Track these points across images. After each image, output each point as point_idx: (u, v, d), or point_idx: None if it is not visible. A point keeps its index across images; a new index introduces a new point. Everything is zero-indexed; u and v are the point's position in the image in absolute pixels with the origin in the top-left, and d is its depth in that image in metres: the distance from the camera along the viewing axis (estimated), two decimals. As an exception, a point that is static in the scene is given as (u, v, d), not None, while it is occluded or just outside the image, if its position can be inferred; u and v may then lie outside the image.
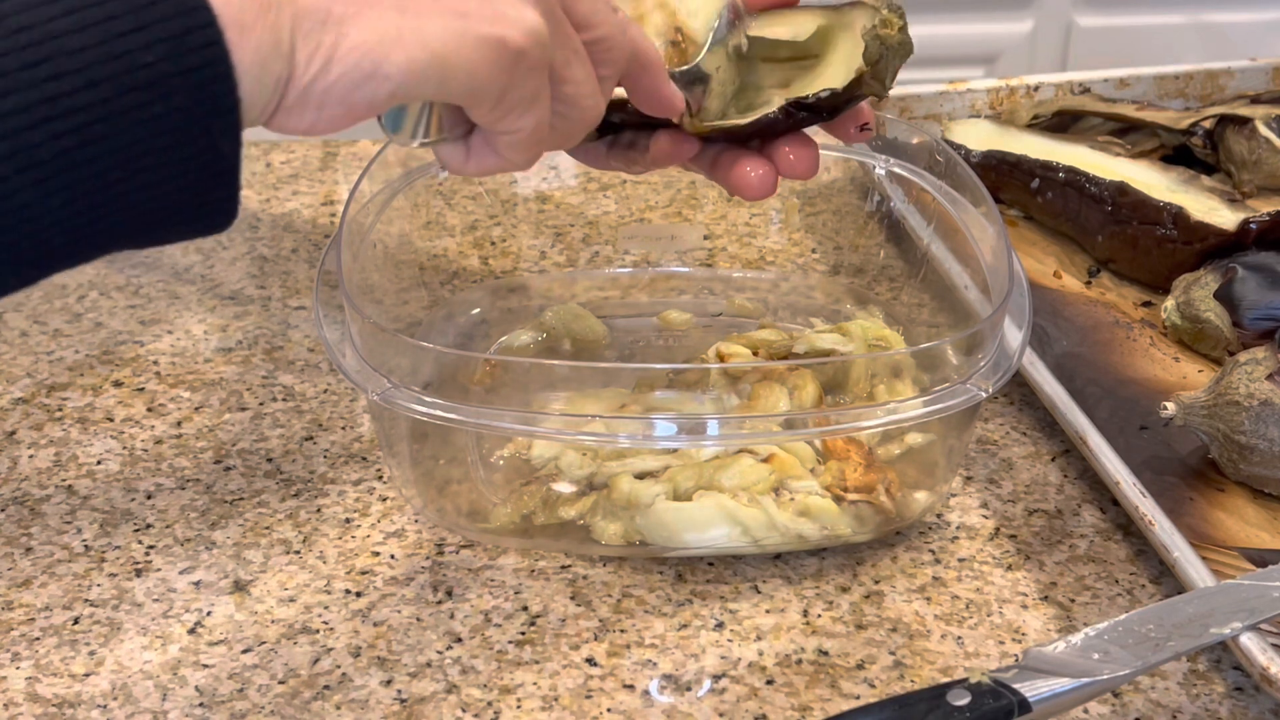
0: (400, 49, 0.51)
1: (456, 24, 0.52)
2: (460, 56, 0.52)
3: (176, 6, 0.47)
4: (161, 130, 0.47)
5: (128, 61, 0.46)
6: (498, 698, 0.66)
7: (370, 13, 0.51)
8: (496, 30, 0.53)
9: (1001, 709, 0.56)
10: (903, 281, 0.90)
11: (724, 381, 0.74)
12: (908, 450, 0.75)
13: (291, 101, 0.51)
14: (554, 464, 0.74)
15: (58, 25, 0.46)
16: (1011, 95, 1.11)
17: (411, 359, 0.73)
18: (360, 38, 0.51)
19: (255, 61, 0.49)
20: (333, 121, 0.52)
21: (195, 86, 0.47)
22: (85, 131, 0.46)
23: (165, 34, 0.47)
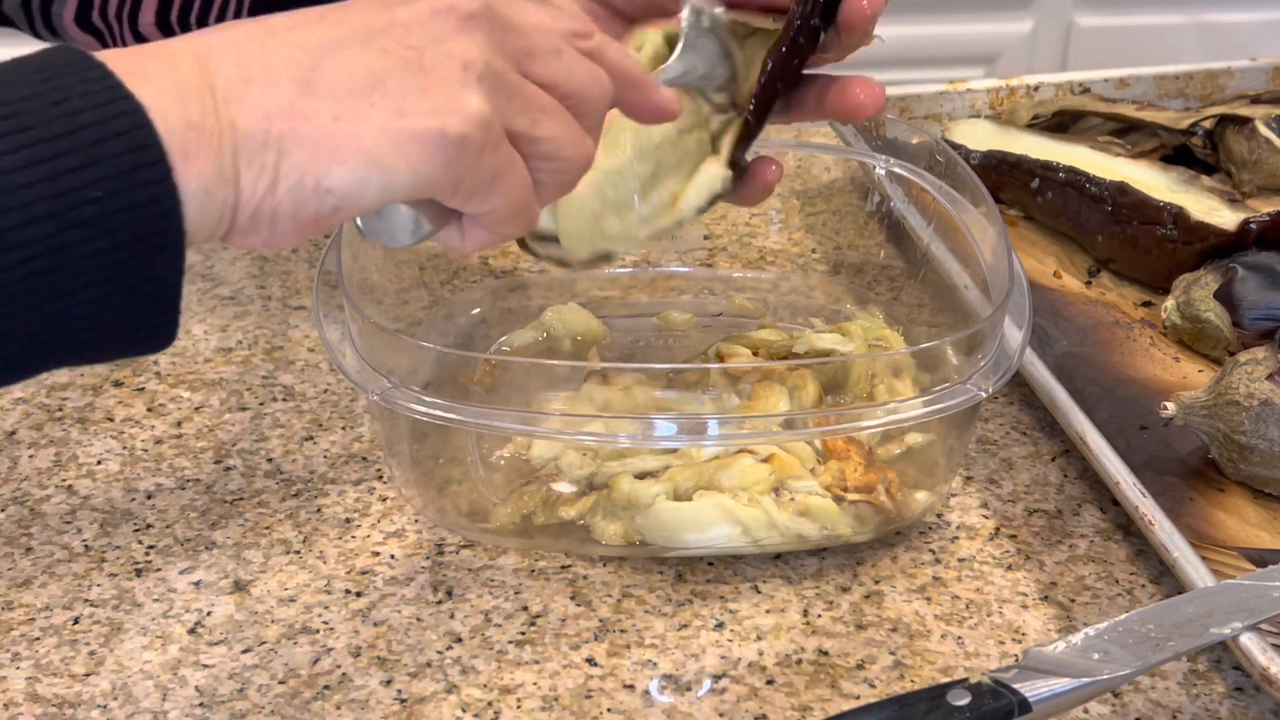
0: (338, 162, 0.51)
1: (393, 124, 0.52)
2: (400, 158, 0.52)
3: (125, 143, 0.48)
4: (104, 264, 0.48)
5: (74, 197, 0.47)
6: (498, 698, 0.66)
7: (307, 126, 0.51)
8: (434, 123, 0.52)
9: (1001, 709, 0.56)
10: (903, 281, 0.90)
11: (724, 381, 0.74)
12: (908, 450, 0.75)
13: (244, 223, 0.51)
14: (554, 464, 0.74)
15: (5, 162, 0.46)
16: (1011, 95, 1.11)
17: (411, 359, 0.73)
18: (298, 155, 0.51)
19: (200, 189, 0.49)
20: (287, 236, 0.53)
21: (141, 221, 0.48)
22: (27, 265, 0.47)
23: (112, 170, 0.47)
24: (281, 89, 0.51)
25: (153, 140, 0.48)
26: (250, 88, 0.51)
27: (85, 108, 0.48)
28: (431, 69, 0.53)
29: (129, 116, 0.48)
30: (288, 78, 0.51)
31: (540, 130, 0.56)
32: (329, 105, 0.51)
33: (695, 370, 0.75)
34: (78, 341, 0.50)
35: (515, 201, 0.56)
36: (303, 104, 0.51)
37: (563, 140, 0.57)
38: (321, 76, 0.52)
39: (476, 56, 0.53)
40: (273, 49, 0.52)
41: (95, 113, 0.48)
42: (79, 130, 0.47)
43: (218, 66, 0.51)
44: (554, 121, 0.56)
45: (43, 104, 0.47)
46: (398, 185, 0.52)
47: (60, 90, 0.48)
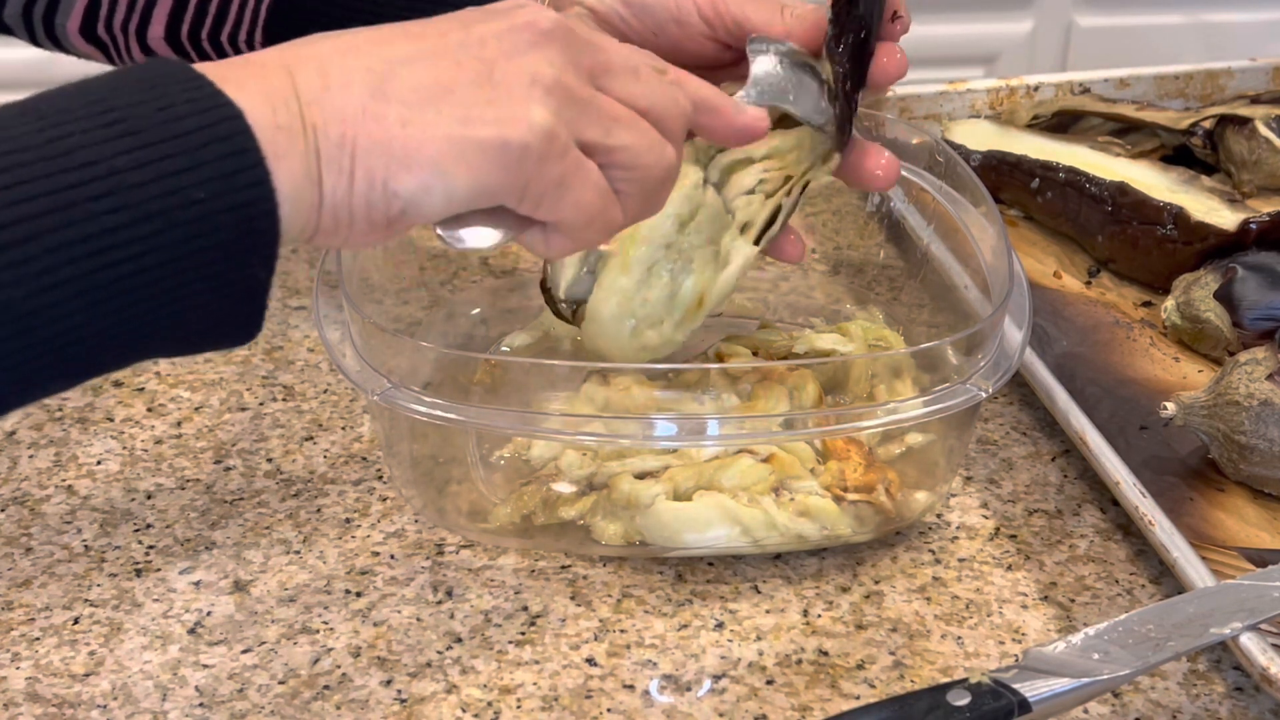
0: (404, 167, 0.53)
1: (457, 132, 0.53)
2: (463, 166, 0.53)
3: (227, 146, 0.50)
4: (206, 260, 0.50)
5: (182, 198, 0.49)
6: (498, 698, 0.66)
7: (377, 131, 0.53)
8: (497, 132, 0.53)
9: (1001, 709, 0.56)
10: (903, 281, 0.90)
11: (724, 381, 0.74)
12: (908, 450, 0.75)
13: (327, 224, 0.54)
14: (554, 464, 0.74)
15: (120, 161, 0.49)
16: (1011, 95, 1.11)
17: (411, 359, 0.73)
18: (369, 159, 0.53)
19: (291, 190, 0.52)
20: (363, 237, 0.55)
21: (241, 221, 0.50)
22: (140, 260, 0.49)
23: (216, 172, 0.50)
24: (355, 93, 0.53)
25: (251, 144, 0.50)
26: (328, 93, 0.53)
27: (190, 113, 0.50)
28: (500, 81, 0.54)
29: (230, 122, 0.50)
30: (361, 83, 0.53)
31: (614, 139, 0.57)
32: (398, 110, 0.53)
33: (695, 370, 0.75)
34: (173, 334, 0.52)
35: (588, 209, 0.57)
36: (374, 108, 0.53)
37: (639, 148, 0.58)
38: (394, 85, 0.53)
39: (546, 71, 0.55)
40: (352, 59, 0.54)
41: (199, 118, 0.50)
42: (185, 135, 0.50)
43: (301, 74, 0.53)
44: (629, 131, 0.57)
45: (149, 110, 0.50)
46: (459, 192, 0.54)
47: (165, 97, 0.50)
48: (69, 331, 0.49)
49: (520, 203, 0.55)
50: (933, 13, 1.39)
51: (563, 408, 0.73)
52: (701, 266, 0.73)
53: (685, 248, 0.72)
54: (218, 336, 0.53)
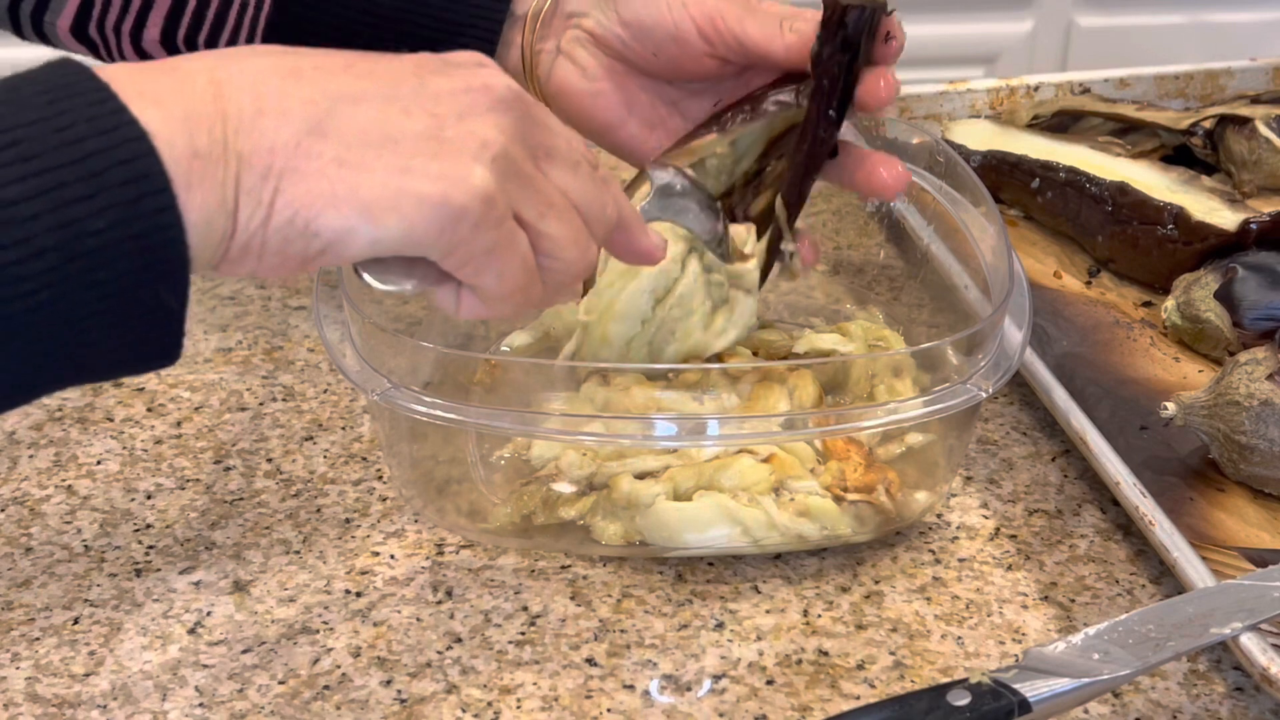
0: (332, 207, 0.51)
1: (395, 180, 0.51)
2: (394, 215, 0.51)
3: (129, 171, 0.47)
4: (108, 294, 0.47)
5: (77, 229, 0.46)
6: (498, 698, 0.66)
7: (308, 166, 0.50)
8: (437, 188, 0.52)
9: (1002, 709, 0.56)
10: (903, 281, 0.90)
11: (724, 381, 0.74)
12: (907, 450, 0.75)
13: (235, 253, 0.51)
14: (554, 464, 0.74)
15: (9, 192, 0.46)
16: (1011, 95, 1.11)
17: (411, 359, 0.73)
18: (294, 193, 0.50)
19: (202, 219, 0.49)
20: (272, 270, 0.52)
21: (144, 250, 0.48)
22: (32, 298, 0.46)
23: (116, 199, 0.47)
24: (292, 124, 0.50)
25: (157, 169, 0.47)
26: (261, 119, 0.50)
27: (90, 134, 0.47)
28: (448, 139, 0.53)
29: (134, 144, 0.47)
30: (300, 115, 0.51)
31: (545, 225, 0.56)
32: (335, 149, 0.51)
33: (695, 370, 0.75)
34: (84, 365, 0.49)
35: (510, 281, 0.56)
36: (309, 144, 0.51)
37: (565, 240, 0.57)
38: (335, 122, 0.51)
39: (495, 139, 0.53)
40: (292, 87, 0.51)
41: (100, 140, 0.47)
42: (84, 159, 0.47)
43: (232, 95, 0.50)
44: (560, 221, 0.56)
45: (47, 130, 0.47)
46: (387, 240, 0.52)
47: (66, 115, 0.47)
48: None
49: (444, 259, 0.54)
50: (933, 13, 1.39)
51: (563, 408, 0.73)
52: (685, 335, 0.75)
53: (665, 320, 0.74)
54: (132, 364, 0.51)
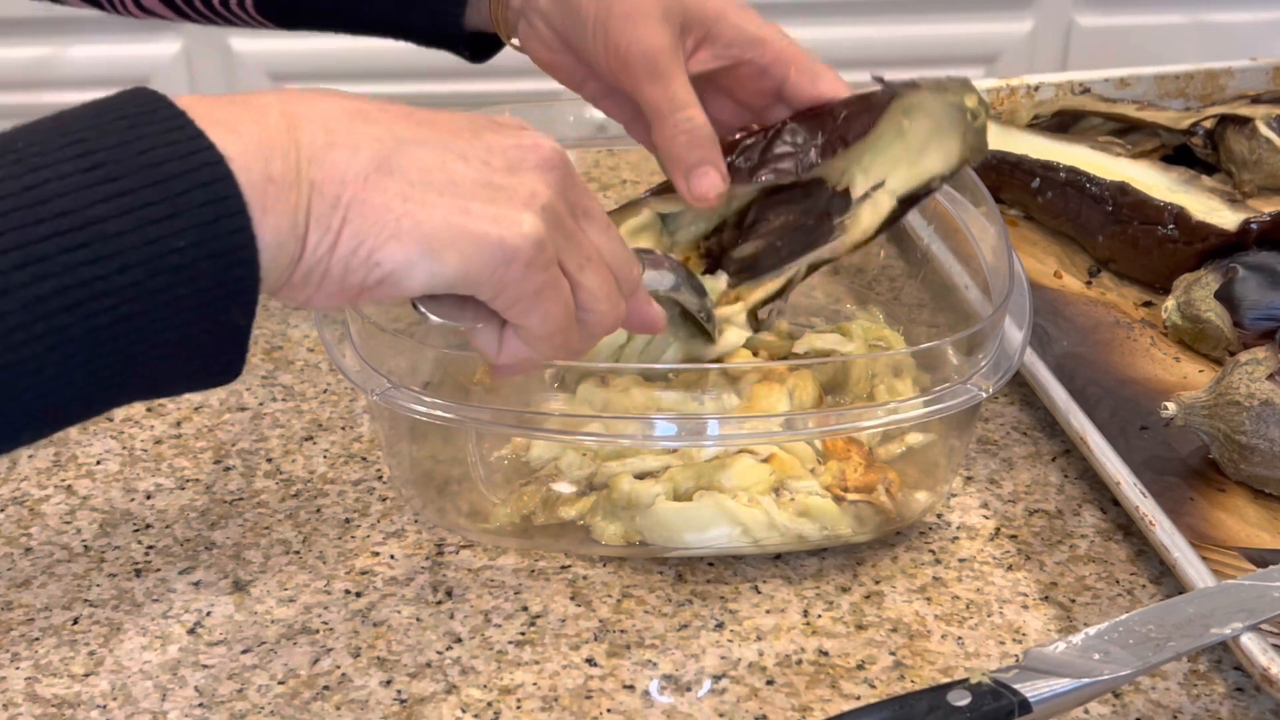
0: (395, 239, 0.53)
1: (455, 219, 0.54)
2: (454, 251, 0.54)
3: (209, 194, 0.49)
4: (184, 309, 0.49)
5: (160, 246, 0.48)
6: (498, 698, 0.66)
7: (376, 199, 0.53)
8: (494, 230, 0.54)
9: (1002, 709, 0.56)
10: (903, 281, 0.90)
11: (723, 382, 0.74)
12: (908, 450, 0.75)
13: (298, 278, 0.53)
14: (554, 464, 0.74)
15: (97, 211, 0.47)
16: (1012, 95, 1.11)
17: (411, 359, 0.73)
18: (360, 224, 0.52)
19: (274, 242, 0.51)
20: (328, 299, 0.54)
21: (220, 270, 0.49)
22: (115, 312, 0.48)
23: (196, 220, 0.49)
24: (361, 159, 0.53)
25: (234, 192, 0.49)
26: (333, 151, 0.52)
27: (171, 157, 0.49)
28: (501, 187, 0.55)
29: (213, 168, 0.49)
30: (370, 151, 0.53)
31: (584, 277, 0.59)
32: (400, 186, 0.53)
33: (695, 370, 0.75)
34: (153, 379, 0.51)
35: (554, 322, 0.58)
36: (377, 178, 0.53)
37: (600, 294, 0.59)
38: (401, 161, 0.54)
39: (544, 192, 0.56)
40: (360, 125, 0.54)
41: (181, 163, 0.49)
42: (165, 180, 0.48)
43: (305, 127, 0.52)
44: (596, 275, 0.59)
45: (130, 153, 0.48)
46: (444, 275, 0.54)
47: (146, 139, 0.49)
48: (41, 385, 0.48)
49: (495, 298, 0.56)
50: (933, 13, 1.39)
51: (562, 408, 0.73)
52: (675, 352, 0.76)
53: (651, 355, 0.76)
54: (196, 381, 0.53)
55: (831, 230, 0.77)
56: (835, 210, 0.77)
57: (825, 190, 0.78)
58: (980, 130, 0.75)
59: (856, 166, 0.77)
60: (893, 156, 0.77)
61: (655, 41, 0.74)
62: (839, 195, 0.78)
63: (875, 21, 1.39)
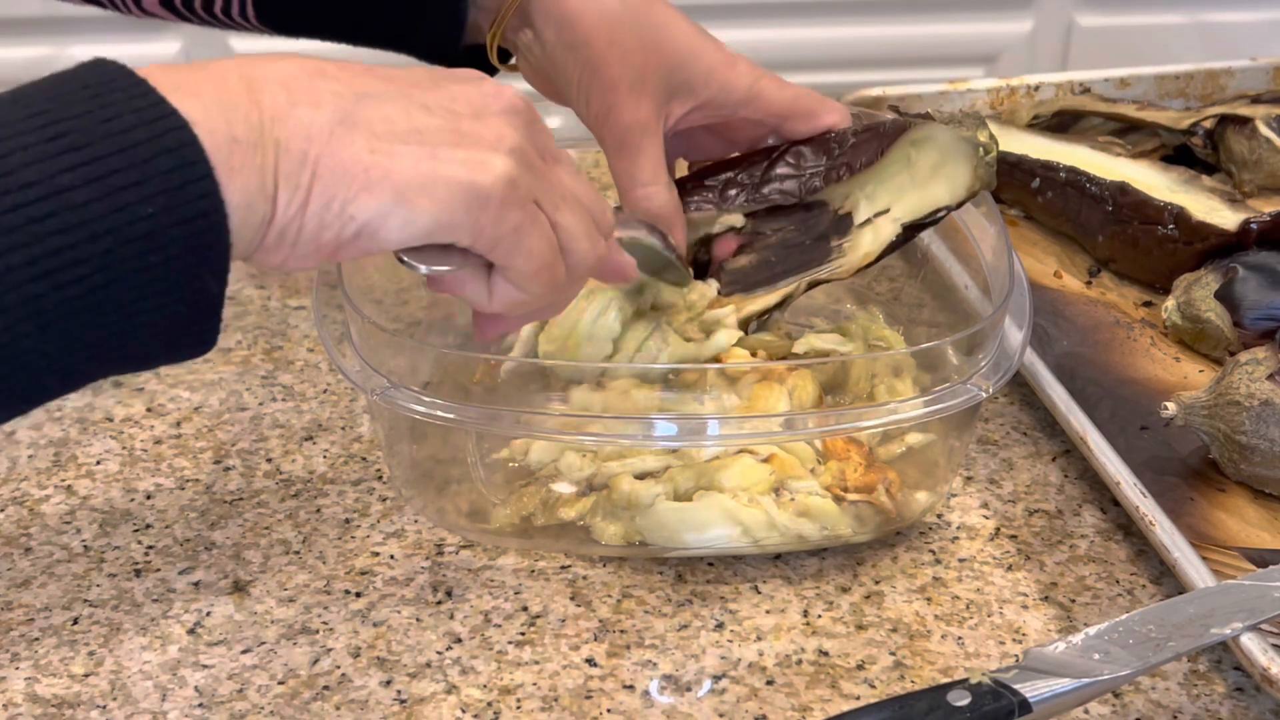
0: (366, 191, 0.53)
1: (425, 166, 0.54)
2: (425, 197, 0.54)
3: (175, 159, 0.49)
4: (157, 277, 0.49)
5: (129, 214, 0.48)
6: (498, 698, 0.66)
7: (342, 152, 0.52)
8: (464, 173, 0.54)
9: (1002, 709, 0.56)
10: (903, 281, 0.90)
11: (723, 382, 0.74)
12: (907, 450, 0.75)
13: (271, 240, 0.53)
14: (554, 465, 0.74)
15: (63, 180, 0.47)
16: (1012, 95, 1.11)
17: (411, 359, 0.73)
18: (330, 179, 0.52)
19: (243, 203, 0.50)
20: (304, 259, 0.54)
21: (191, 235, 0.49)
22: (87, 281, 0.48)
23: (164, 186, 0.48)
24: (324, 114, 0.53)
25: (200, 156, 0.49)
26: (295, 109, 0.52)
27: (136, 124, 0.49)
28: (467, 133, 0.55)
29: (177, 132, 0.49)
30: (332, 106, 0.53)
31: (560, 215, 0.58)
32: (366, 138, 0.53)
33: (694, 370, 0.75)
34: (128, 350, 0.51)
35: (540, 257, 0.58)
36: (341, 132, 0.53)
37: (578, 232, 0.59)
38: (363, 114, 0.54)
39: (510, 134, 0.56)
40: (320, 83, 0.53)
41: (146, 129, 0.49)
42: (131, 148, 0.48)
43: (265, 88, 0.52)
44: (572, 213, 0.59)
45: (94, 121, 0.48)
46: (419, 223, 0.54)
47: (110, 107, 0.49)
48: (15, 358, 0.48)
49: (475, 240, 0.56)
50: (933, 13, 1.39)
51: (563, 409, 0.73)
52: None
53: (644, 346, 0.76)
54: (171, 351, 0.52)
55: (829, 252, 0.77)
56: (835, 232, 0.78)
57: (827, 212, 0.78)
58: (990, 165, 0.76)
59: (861, 192, 0.77)
60: (898, 185, 0.77)
61: (629, 117, 0.75)
62: (840, 218, 0.78)
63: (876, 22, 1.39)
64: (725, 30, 0.83)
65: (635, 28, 0.75)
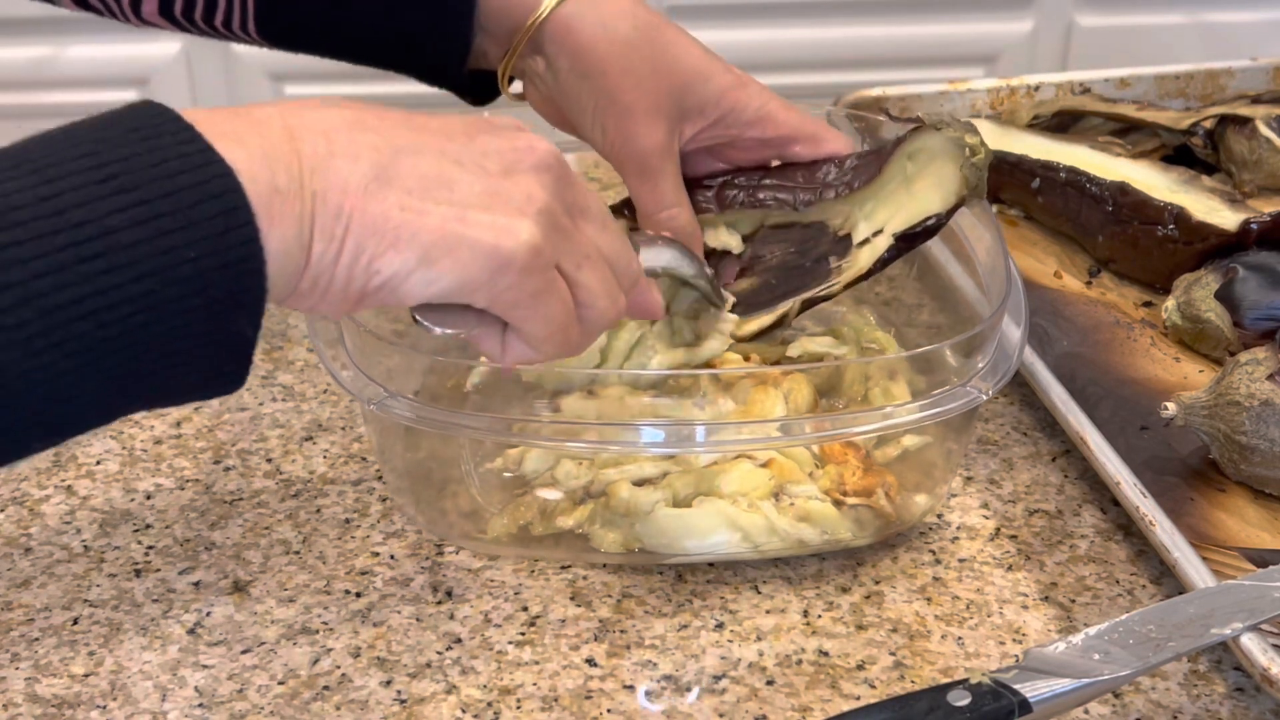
0: (394, 248, 0.54)
1: (452, 226, 0.54)
2: (450, 259, 0.54)
3: (219, 205, 0.50)
4: (195, 319, 0.50)
5: (174, 257, 0.49)
6: (498, 698, 0.66)
7: (375, 208, 0.53)
8: (489, 238, 0.55)
9: (1002, 709, 0.56)
10: (902, 281, 0.90)
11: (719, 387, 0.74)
12: (904, 453, 0.75)
13: (304, 287, 0.54)
14: (549, 474, 0.74)
15: (113, 221, 0.48)
16: (1012, 95, 1.11)
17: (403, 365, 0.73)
18: (361, 234, 0.53)
19: (281, 251, 0.52)
20: (333, 307, 0.55)
21: (230, 280, 0.50)
22: (129, 321, 0.49)
23: (209, 231, 0.50)
24: (361, 168, 0.54)
25: (243, 203, 0.50)
26: (333, 160, 0.53)
27: (183, 170, 0.50)
28: (497, 192, 0.56)
29: (222, 180, 0.50)
30: (369, 161, 0.54)
31: (582, 275, 0.59)
32: (398, 195, 0.54)
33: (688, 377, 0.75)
34: (161, 388, 0.52)
35: (554, 323, 0.59)
36: (375, 188, 0.54)
37: (599, 291, 0.60)
38: (398, 169, 0.54)
39: (539, 195, 0.57)
40: (359, 135, 0.54)
41: (192, 175, 0.50)
42: (177, 192, 0.49)
43: (306, 138, 0.53)
44: (594, 272, 0.60)
45: (142, 164, 0.49)
46: (439, 282, 0.55)
47: (158, 151, 0.50)
48: (57, 393, 0.49)
49: (493, 303, 0.57)
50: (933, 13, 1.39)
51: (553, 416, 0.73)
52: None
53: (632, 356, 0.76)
54: (202, 390, 0.53)
55: (829, 273, 0.77)
56: (835, 253, 0.78)
57: (827, 233, 0.78)
58: (978, 168, 0.75)
59: (860, 211, 0.78)
60: (896, 200, 0.77)
61: (647, 142, 0.76)
62: (840, 239, 0.78)
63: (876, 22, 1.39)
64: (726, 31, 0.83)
65: (647, 53, 0.76)
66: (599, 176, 1.06)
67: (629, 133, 0.76)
